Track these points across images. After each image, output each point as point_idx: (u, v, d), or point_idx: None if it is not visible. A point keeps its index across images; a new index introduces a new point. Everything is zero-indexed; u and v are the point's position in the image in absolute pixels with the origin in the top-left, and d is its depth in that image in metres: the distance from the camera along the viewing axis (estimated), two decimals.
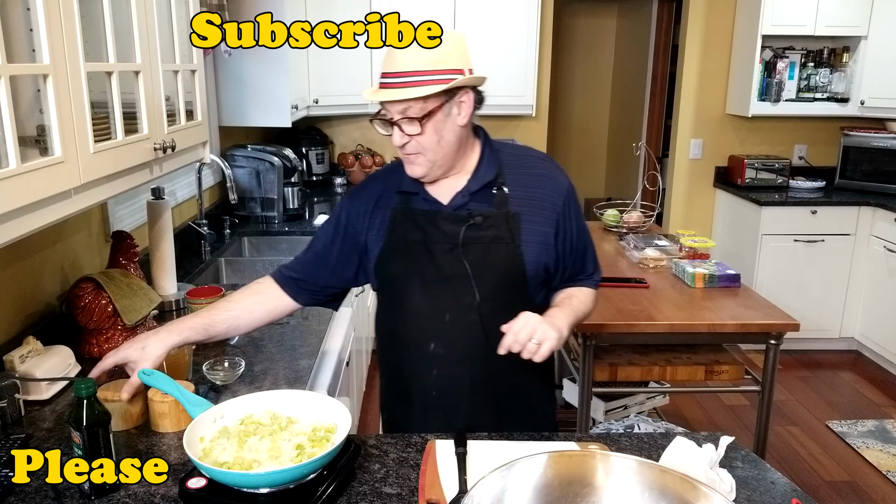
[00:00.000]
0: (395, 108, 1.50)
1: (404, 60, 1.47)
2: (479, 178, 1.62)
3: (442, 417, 1.68)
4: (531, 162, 1.69)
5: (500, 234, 1.59)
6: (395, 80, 1.48)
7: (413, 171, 1.59)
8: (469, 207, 1.61)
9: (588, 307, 1.72)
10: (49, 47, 1.30)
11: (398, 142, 1.53)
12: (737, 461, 1.46)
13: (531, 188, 1.63)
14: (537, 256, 1.60)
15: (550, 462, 1.10)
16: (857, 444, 3.68)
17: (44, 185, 1.30)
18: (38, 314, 2.01)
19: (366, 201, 1.70)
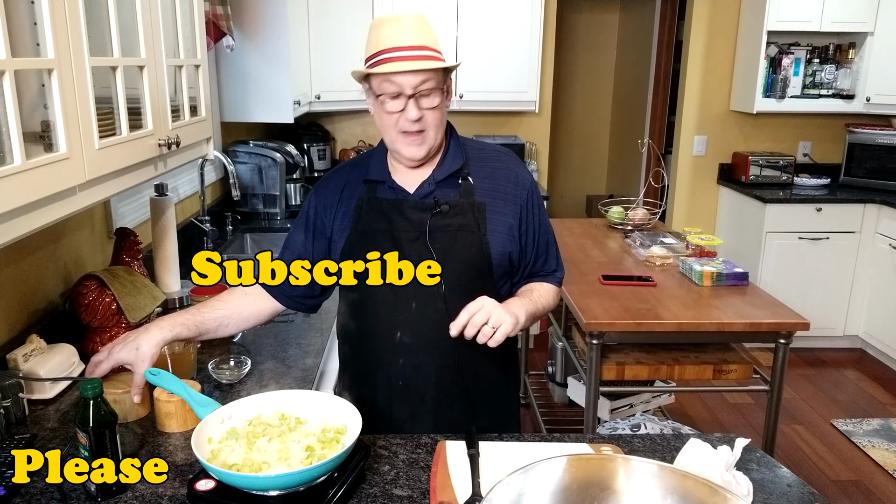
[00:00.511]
0: (409, 83, 1.50)
1: (414, 35, 1.50)
2: (445, 167, 1.64)
3: (406, 409, 1.68)
4: (494, 155, 1.71)
5: (466, 223, 1.60)
6: (410, 54, 1.49)
7: (416, 153, 1.59)
8: (435, 196, 1.62)
9: (549, 302, 1.72)
10: (54, 41, 1.27)
11: (414, 116, 1.53)
12: (751, 463, 1.44)
13: (495, 180, 1.65)
14: (503, 245, 1.63)
15: (569, 465, 1.07)
16: (862, 442, 3.67)
17: (48, 183, 1.28)
18: (41, 312, 1.99)
19: (332, 193, 1.71)
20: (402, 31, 1.50)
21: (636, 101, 6.76)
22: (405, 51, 1.49)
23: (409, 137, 1.57)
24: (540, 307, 1.66)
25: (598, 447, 1.45)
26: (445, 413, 1.67)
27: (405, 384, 1.66)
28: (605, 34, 7.41)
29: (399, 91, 1.51)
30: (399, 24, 1.51)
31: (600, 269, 3.02)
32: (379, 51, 1.51)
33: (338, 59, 4.39)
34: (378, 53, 1.51)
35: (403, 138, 1.58)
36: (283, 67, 3.54)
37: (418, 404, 1.67)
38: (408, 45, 1.49)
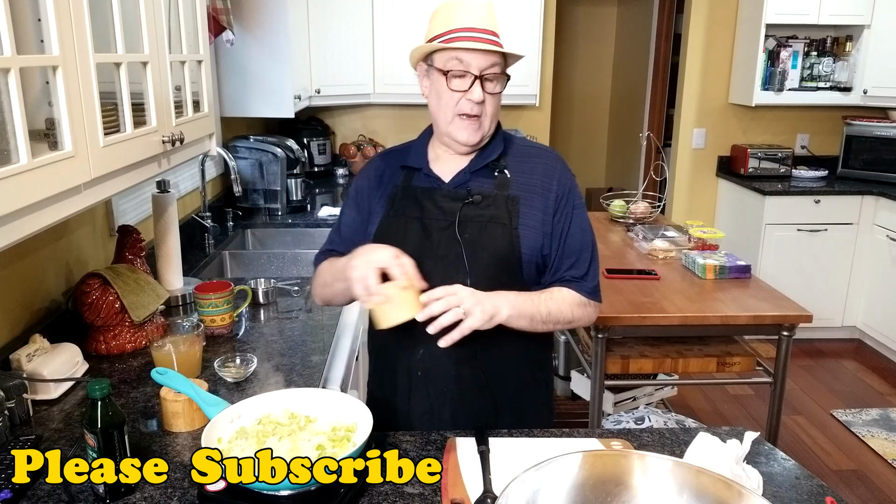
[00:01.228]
0: (478, 63, 1.52)
1: (485, 19, 1.53)
2: (482, 158, 1.63)
3: (426, 401, 1.65)
4: (535, 152, 1.69)
5: (497, 215, 1.58)
6: (482, 36, 1.51)
7: (472, 138, 1.59)
8: (469, 186, 1.61)
9: (562, 309, 1.61)
10: (58, 38, 1.26)
11: (478, 96, 1.53)
12: (760, 456, 1.44)
13: (532, 175, 1.63)
14: (534, 241, 1.59)
15: (584, 461, 1.07)
16: (861, 432, 3.68)
17: (54, 181, 1.27)
18: (44, 311, 1.98)
19: (372, 176, 1.73)
20: (475, 13, 1.52)
21: (635, 95, 6.76)
22: (478, 32, 1.51)
23: (466, 121, 1.57)
24: (543, 311, 1.57)
25: (608, 442, 1.45)
26: (466, 409, 1.64)
27: (424, 374, 1.64)
28: (603, 27, 7.40)
29: (466, 70, 1.52)
30: (473, 7, 1.53)
31: (604, 262, 3.01)
32: (451, 29, 1.52)
33: (338, 53, 4.37)
34: (449, 32, 1.52)
35: (460, 121, 1.57)
36: (283, 62, 3.53)
37: (437, 397, 1.64)
38: (480, 28, 1.51)
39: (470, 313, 1.43)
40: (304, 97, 3.95)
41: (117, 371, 1.83)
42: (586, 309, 1.66)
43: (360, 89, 4.59)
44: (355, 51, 4.48)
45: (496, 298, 1.48)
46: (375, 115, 5.18)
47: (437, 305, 1.41)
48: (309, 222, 3.59)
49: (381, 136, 5.18)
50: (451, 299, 1.42)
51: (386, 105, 5.05)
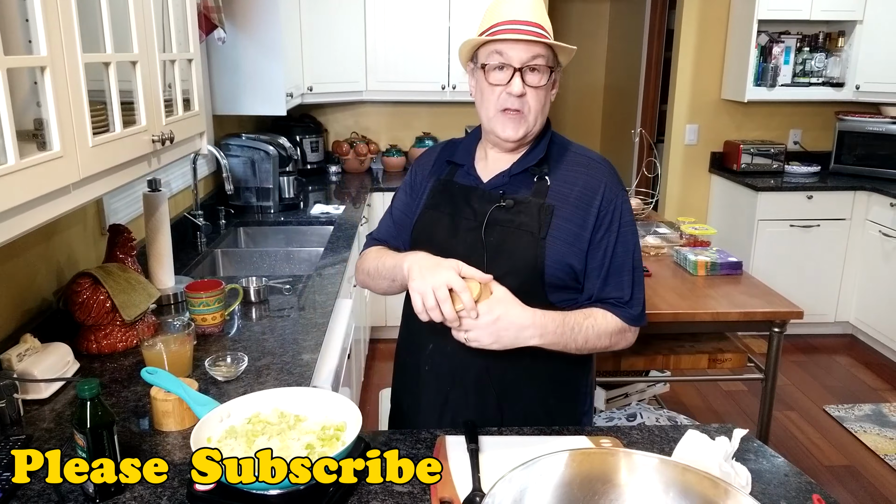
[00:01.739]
0: (518, 56, 1.49)
1: (529, 11, 1.50)
2: (523, 162, 1.59)
3: (433, 397, 1.65)
4: (584, 161, 1.61)
5: (526, 222, 1.54)
6: (528, 28, 1.49)
7: (511, 133, 1.55)
8: (504, 190, 1.58)
9: (602, 340, 1.55)
10: (46, 38, 1.26)
11: (518, 89, 1.50)
12: (749, 453, 1.45)
13: (575, 185, 1.56)
14: (561, 254, 1.53)
15: (571, 460, 1.08)
16: (854, 428, 3.70)
17: (43, 181, 1.27)
18: (35, 310, 1.98)
19: (428, 164, 1.74)
20: (520, 5, 1.50)
21: (628, 90, 6.76)
22: (519, 24, 1.48)
23: (507, 115, 1.54)
24: (581, 340, 1.51)
25: (598, 440, 1.46)
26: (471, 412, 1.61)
27: (431, 370, 1.64)
28: (596, 23, 7.40)
29: (506, 63, 1.50)
30: (518, 0, 1.51)
31: None
32: (493, 24, 1.51)
33: (330, 50, 4.37)
34: (493, 26, 1.51)
35: (502, 116, 1.54)
36: (276, 59, 3.52)
37: (444, 395, 1.64)
38: (522, 20, 1.49)
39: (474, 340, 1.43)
40: (296, 95, 3.95)
41: (108, 370, 1.83)
42: (625, 335, 1.60)
43: (353, 87, 4.59)
44: (347, 48, 4.47)
45: (524, 331, 1.44)
46: (368, 113, 5.17)
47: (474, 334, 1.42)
48: (301, 220, 3.59)
49: (373, 133, 5.18)
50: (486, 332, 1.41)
51: (379, 102, 5.05)
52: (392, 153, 5.05)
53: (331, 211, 3.71)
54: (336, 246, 3.03)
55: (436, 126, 5.19)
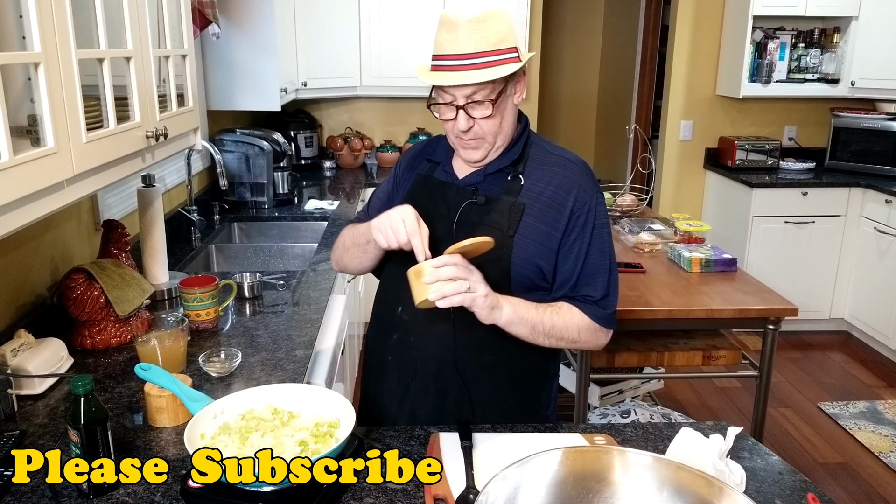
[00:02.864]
0: (461, 92, 1.47)
1: (471, 41, 1.44)
2: (498, 162, 1.60)
3: (395, 387, 1.66)
4: (560, 161, 1.60)
5: (497, 220, 1.55)
6: (464, 63, 1.44)
7: (472, 156, 1.57)
8: (477, 186, 1.59)
9: (566, 325, 1.56)
10: (40, 34, 1.25)
11: (464, 126, 1.50)
12: (743, 451, 1.45)
13: (548, 185, 1.56)
14: (529, 253, 1.54)
15: (565, 458, 1.08)
16: (849, 425, 3.71)
17: (37, 177, 1.26)
18: (29, 306, 1.97)
19: (412, 157, 1.76)
20: (456, 36, 1.44)
21: (622, 86, 6.76)
22: (456, 59, 1.44)
23: (464, 142, 1.55)
24: (548, 323, 1.53)
25: (592, 437, 1.46)
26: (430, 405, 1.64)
27: (395, 360, 1.66)
28: (591, 18, 7.40)
29: (451, 100, 1.49)
30: (454, 29, 1.45)
31: None
32: (435, 55, 1.48)
33: (325, 45, 4.36)
34: (434, 58, 1.49)
35: (459, 142, 1.56)
36: (270, 55, 3.51)
37: (405, 386, 1.66)
38: (460, 54, 1.44)
39: (475, 289, 1.41)
40: (290, 90, 3.94)
41: (102, 366, 1.83)
42: (597, 334, 1.62)
43: (347, 82, 4.58)
44: (342, 43, 4.46)
45: (500, 298, 1.47)
46: (363, 108, 5.16)
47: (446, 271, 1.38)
48: (296, 215, 3.58)
49: (368, 128, 5.17)
50: (461, 269, 1.39)
51: (373, 98, 5.04)
52: (386, 149, 5.04)
53: (325, 206, 3.70)
54: (330, 242, 3.02)
55: (430, 122, 5.19)
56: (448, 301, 1.39)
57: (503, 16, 1.48)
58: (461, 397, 1.63)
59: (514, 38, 1.49)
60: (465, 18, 1.44)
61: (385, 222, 1.46)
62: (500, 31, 1.46)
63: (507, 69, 1.44)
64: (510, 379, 1.65)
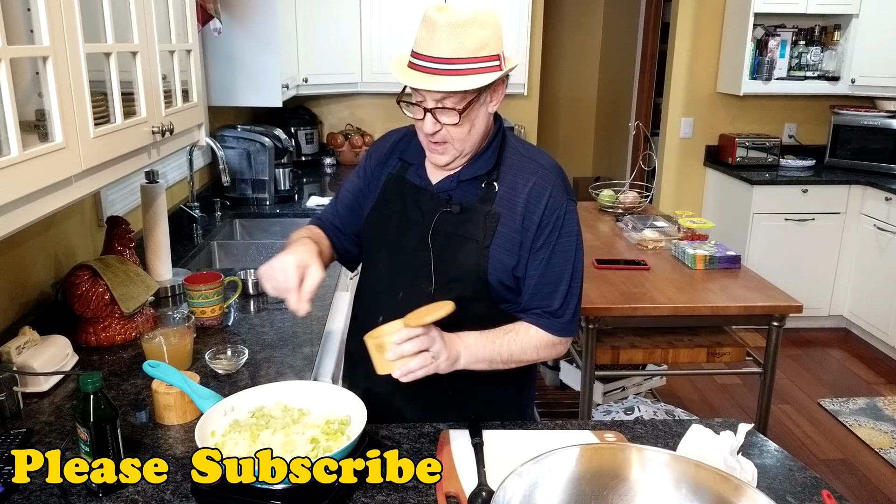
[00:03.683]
0: (431, 96, 1.43)
1: (448, 46, 1.38)
2: (473, 168, 1.56)
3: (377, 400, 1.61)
4: (532, 167, 1.55)
5: (472, 230, 1.52)
6: (437, 67, 1.39)
7: (439, 160, 1.54)
8: (452, 194, 1.56)
9: (528, 353, 1.55)
10: (48, 28, 1.24)
11: (430, 130, 1.47)
12: (753, 448, 1.45)
13: (519, 192, 1.53)
14: (505, 262, 1.52)
15: (582, 455, 1.07)
16: (849, 422, 3.71)
17: (45, 173, 1.25)
18: (33, 303, 1.96)
19: (386, 154, 1.70)
20: (433, 37, 1.39)
21: (623, 83, 6.76)
22: (432, 62, 1.39)
23: (431, 145, 1.52)
24: (505, 353, 1.52)
25: (602, 434, 1.46)
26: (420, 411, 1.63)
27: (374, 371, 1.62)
28: (591, 16, 7.39)
29: (421, 100, 1.46)
30: (432, 30, 1.39)
31: (593, 252, 3.02)
32: (412, 51, 1.44)
33: (326, 41, 4.34)
34: (411, 54, 1.44)
35: (426, 144, 1.53)
36: (272, 51, 3.49)
37: (387, 397, 1.64)
38: (437, 57, 1.39)
39: (438, 357, 1.39)
40: (291, 86, 3.92)
41: (107, 363, 1.82)
42: (555, 348, 1.60)
43: (348, 78, 4.57)
44: (343, 39, 4.45)
45: (458, 345, 1.45)
46: (363, 105, 5.15)
47: (409, 346, 1.35)
48: (297, 212, 3.57)
49: (368, 125, 5.16)
50: (424, 340, 1.36)
51: (374, 94, 5.02)
52: None
53: (326, 203, 3.68)
54: None
55: None
56: (413, 376, 1.37)
57: (489, 20, 1.41)
58: (446, 401, 1.63)
59: (497, 44, 1.43)
60: (444, 21, 1.38)
61: (269, 273, 1.42)
62: (482, 37, 1.39)
63: (482, 79, 1.39)
64: (495, 380, 1.63)
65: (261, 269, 1.45)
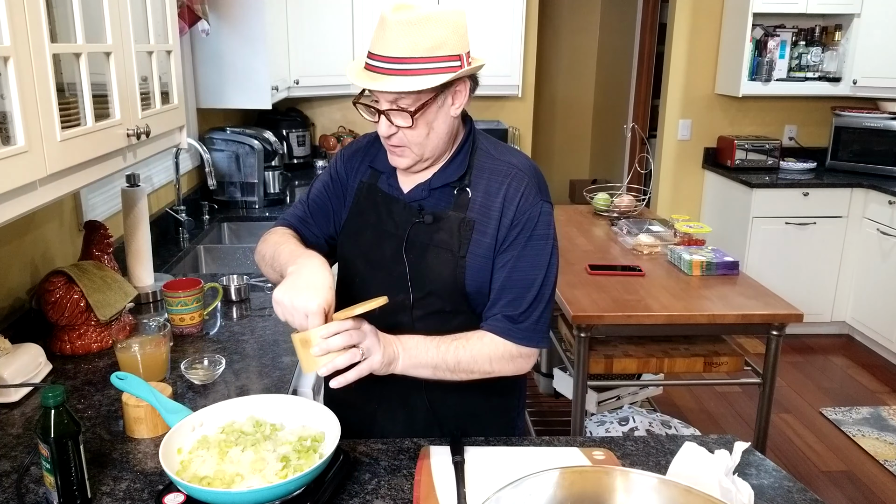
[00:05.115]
0: (385, 97, 1.37)
1: (399, 45, 1.32)
2: (443, 176, 1.50)
3: (356, 415, 1.58)
4: (505, 170, 1.48)
5: (446, 240, 1.47)
6: (388, 66, 1.33)
7: (398, 163, 1.48)
8: (424, 203, 1.50)
9: (480, 364, 1.44)
10: (10, 27, 1.19)
11: (384, 132, 1.41)
12: (750, 467, 1.39)
13: (492, 197, 1.46)
14: (481, 271, 1.46)
15: (563, 479, 1.01)
16: (852, 431, 3.64)
17: (6, 177, 1.19)
18: (7, 309, 1.91)
19: (354, 160, 1.61)
20: (384, 36, 1.34)
21: (620, 85, 6.70)
22: (384, 61, 1.34)
23: (392, 149, 1.46)
24: (451, 360, 1.41)
25: (590, 452, 1.39)
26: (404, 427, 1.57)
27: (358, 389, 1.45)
28: (587, 16, 7.34)
29: (375, 102, 1.40)
30: (383, 28, 1.34)
31: (587, 258, 2.96)
32: (369, 52, 1.38)
33: (317, 43, 4.29)
34: (367, 55, 1.38)
35: (386, 145, 1.47)
36: (261, 52, 3.44)
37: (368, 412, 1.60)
38: (389, 56, 1.33)
39: (369, 354, 1.31)
40: (281, 88, 3.87)
41: (82, 372, 1.77)
42: (515, 361, 1.48)
43: (340, 80, 4.50)
44: (335, 41, 4.40)
45: (396, 346, 1.37)
46: None
47: (337, 340, 1.26)
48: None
49: (361, 127, 5.10)
50: (354, 335, 1.28)
51: None
52: None
53: None
54: None
55: None
56: (344, 380, 1.28)
57: (448, 19, 1.35)
58: (430, 417, 1.57)
59: (457, 44, 1.36)
60: (396, 19, 1.32)
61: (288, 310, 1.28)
62: (437, 36, 1.33)
63: (434, 80, 1.32)
64: (479, 391, 1.55)
65: (279, 296, 1.29)
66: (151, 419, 1.46)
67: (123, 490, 1.29)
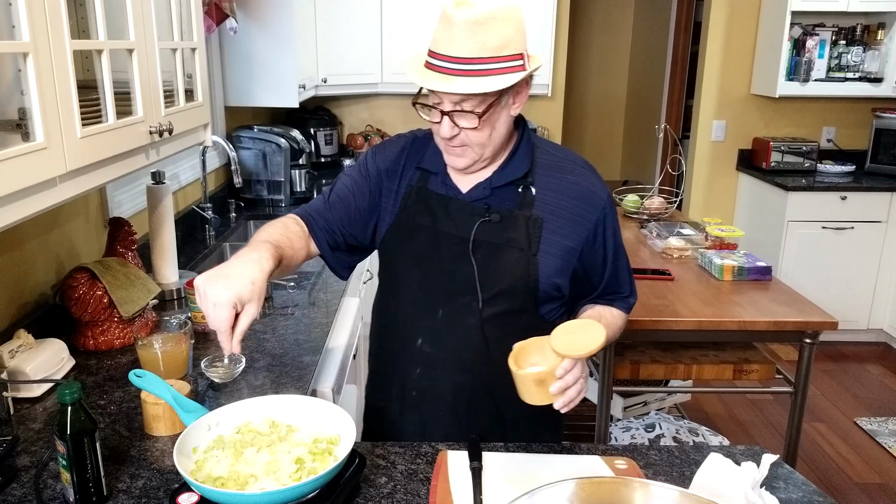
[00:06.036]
0: (448, 98, 1.34)
1: (467, 45, 1.29)
2: (505, 174, 1.48)
3: (418, 422, 1.57)
4: (569, 166, 1.50)
5: (515, 238, 1.45)
6: (456, 67, 1.30)
7: (456, 164, 1.45)
8: (488, 202, 1.47)
9: (615, 333, 1.60)
10: (29, 23, 1.18)
11: (447, 134, 1.38)
12: (778, 480, 1.34)
13: (563, 195, 1.47)
14: (553, 271, 1.46)
15: (580, 489, 0.98)
16: (888, 443, 3.54)
17: (25, 174, 1.20)
18: (32, 304, 1.92)
19: (395, 162, 1.57)
20: (451, 35, 1.30)
21: (652, 85, 6.63)
22: (450, 62, 1.31)
23: (449, 147, 1.43)
24: (611, 332, 1.54)
25: (612, 460, 1.36)
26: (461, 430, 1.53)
27: (419, 396, 1.55)
28: (620, 15, 7.27)
29: (438, 103, 1.37)
30: (449, 27, 1.30)
31: None
32: (429, 51, 1.35)
33: (345, 41, 4.29)
34: (429, 53, 1.36)
35: (443, 146, 1.45)
36: (288, 50, 3.44)
37: (431, 419, 1.56)
38: (455, 56, 1.30)
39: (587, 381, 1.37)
40: (309, 86, 3.87)
41: (104, 368, 1.77)
42: (625, 322, 1.68)
43: (368, 78, 4.51)
44: (363, 39, 4.39)
45: None
46: (383, 105, 5.08)
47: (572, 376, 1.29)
48: None
49: (388, 126, 5.09)
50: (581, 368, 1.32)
51: (394, 95, 4.94)
52: None
53: None
54: None
55: None
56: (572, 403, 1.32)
57: (512, 17, 1.32)
58: (494, 419, 1.55)
59: (520, 43, 1.34)
60: (463, 18, 1.28)
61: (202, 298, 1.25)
62: (504, 35, 1.30)
63: (504, 80, 1.30)
64: None
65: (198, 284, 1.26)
66: (170, 417, 1.46)
67: (140, 487, 1.29)
